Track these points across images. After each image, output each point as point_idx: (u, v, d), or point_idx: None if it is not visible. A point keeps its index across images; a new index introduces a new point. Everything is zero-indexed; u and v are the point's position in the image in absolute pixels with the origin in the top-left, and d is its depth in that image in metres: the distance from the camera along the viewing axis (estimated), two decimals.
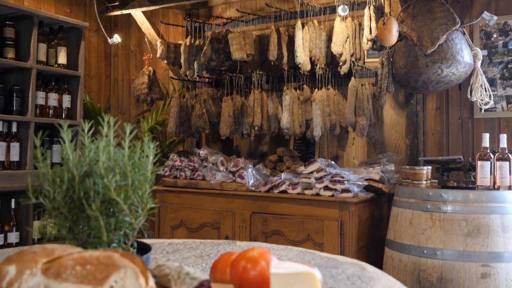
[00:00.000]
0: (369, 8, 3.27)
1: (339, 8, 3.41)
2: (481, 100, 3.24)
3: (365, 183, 3.13)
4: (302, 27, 3.49)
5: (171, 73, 4.51)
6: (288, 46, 3.60)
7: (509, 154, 2.78)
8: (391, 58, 3.29)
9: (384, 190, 3.23)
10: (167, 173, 3.77)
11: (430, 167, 3.10)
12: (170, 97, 4.53)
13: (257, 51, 3.72)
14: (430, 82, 3.13)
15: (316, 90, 3.52)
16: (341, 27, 3.43)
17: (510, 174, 2.76)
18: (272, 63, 3.63)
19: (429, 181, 3.06)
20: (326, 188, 3.10)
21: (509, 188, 2.75)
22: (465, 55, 3.09)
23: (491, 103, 3.25)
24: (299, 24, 3.47)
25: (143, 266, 0.80)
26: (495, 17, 3.21)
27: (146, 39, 4.50)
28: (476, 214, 2.61)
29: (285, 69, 3.65)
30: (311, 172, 3.18)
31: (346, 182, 3.04)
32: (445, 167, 3.09)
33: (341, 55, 3.44)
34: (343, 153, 3.89)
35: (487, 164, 2.77)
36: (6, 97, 3.57)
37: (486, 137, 2.83)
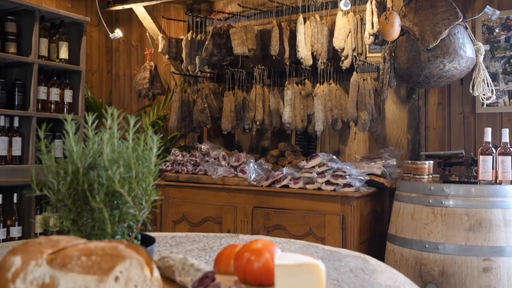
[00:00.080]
0: (371, 2, 3.26)
1: (341, 3, 3.40)
2: (483, 94, 3.24)
3: (367, 177, 3.13)
4: (304, 22, 3.48)
5: (172, 68, 4.51)
6: (290, 41, 3.59)
7: (511, 149, 2.78)
8: (393, 53, 3.28)
9: (386, 184, 3.23)
10: (169, 168, 3.77)
11: (432, 162, 3.09)
12: (171, 92, 4.53)
13: (259, 46, 3.72)
14: (432, 76, 3.12)
15: (318, 85, 3.51)
16: (343, 21, 3.42)
17: None
18: (273, 58, 3.63)
19: (431, 176, 3.06)
20: (328, 182, 3.10)
21: (511, 182, 2.75)
22: (467, 49, 3.09)
23: (493, 98, 3.25)
24: (300, 19, 3.47)
25: (148, 257, 0.81)
26: (497, 11, 3.20)
27: (147, 34, 4.50)
28: (478, 209, 2.61)
29: (287, 64, 3.64)
30: (313, 167, 3.18)
31: (348, 176, 3.04)
32: (446, 162, 3.09)
33: (343, 49, 3.43)
34: (345, 148, 3.89)
35: (489, 158, 2.77)
36: (8, 91, 3.57)
37: (488, 131, 2.83)
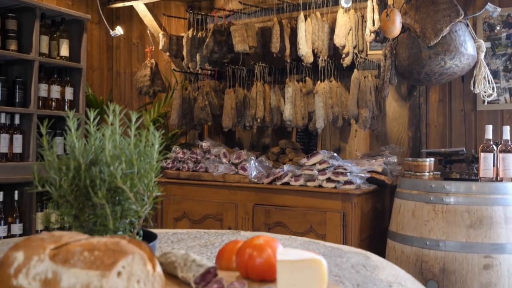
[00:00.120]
0: None
1: (342, 0, 3.40)
2: (484, 92, 3.23)
3: (368, 175, 3.13)
4: (305, 19, 3.48)
5: (173, 66, 4.51)
6: (291, 38, 3.59)
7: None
8: (394, 50, 3.28)
9: (387, 182, 3.24)
10: (170, 165, 3.77)
11: (432, 159, 3.09)
12: (172, 89, 4.52)
13: (260, 43, 3.72)
14: (433, 74, 3.12)
15: (318, 82, 3.51)
16: (344, 19, 3.42)
17: None
18: (274, 55, 3.63)
19: (432, 173, 3.06)
20: (328, 180, 3.10)
21: None
22: (468, 47, 3.08)
23: (494, 95, 3.24)
24: (301, 16, 3.46)
25: (150, 252, 0.81)
26: (498, 9, 3.19)
27: (148, 31, 4.49)
28: (478, 206, 2.61)
29: (288, 61, 3.64)
30: (314, 164, 3.18)
31: (348, 174, 3.04)
32: (447, 159, 3.09)
33: (343, 47, 3.43)
34: (346, 145, 3.89)
35: (490, 156, 2.77)
36: (8, 89, 3.57)
37: (489, 129, 2.83)
